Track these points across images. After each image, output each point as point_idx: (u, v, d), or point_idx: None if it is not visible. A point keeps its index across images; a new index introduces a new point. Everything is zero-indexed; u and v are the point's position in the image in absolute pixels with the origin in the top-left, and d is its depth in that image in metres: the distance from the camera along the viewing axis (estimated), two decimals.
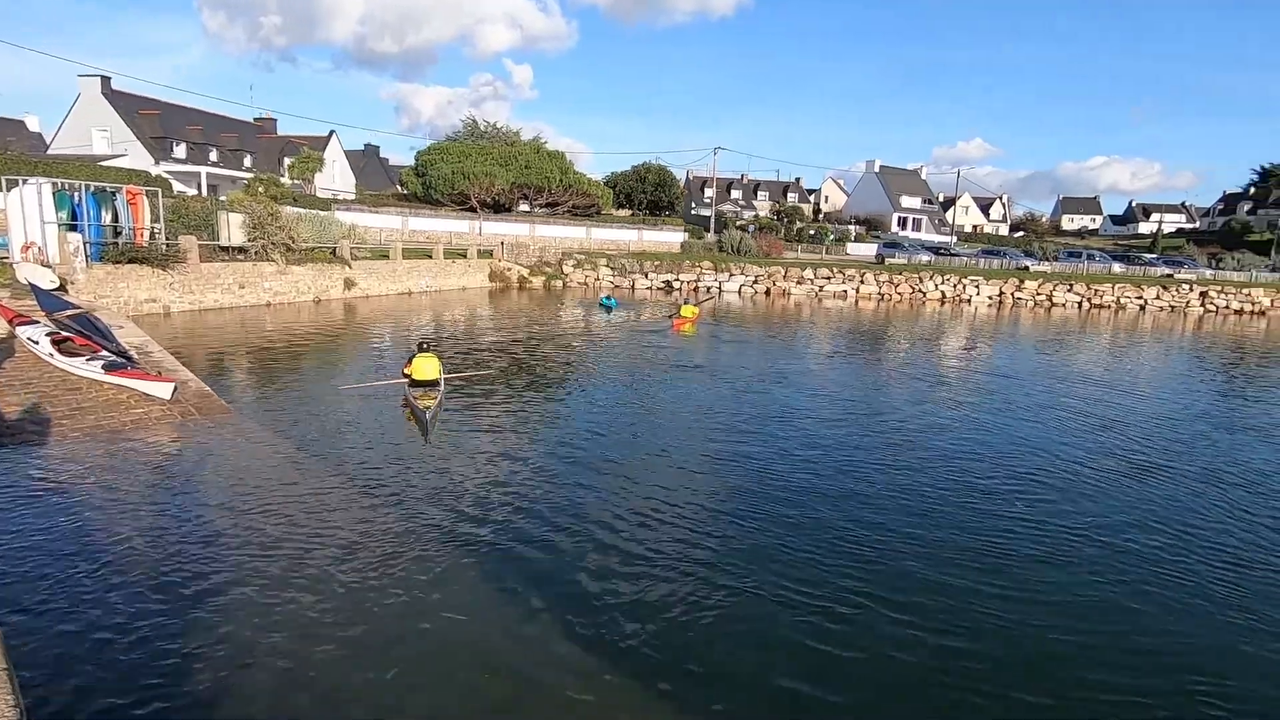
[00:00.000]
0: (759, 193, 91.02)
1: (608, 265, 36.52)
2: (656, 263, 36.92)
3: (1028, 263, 44.51)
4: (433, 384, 10.96)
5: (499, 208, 43.88)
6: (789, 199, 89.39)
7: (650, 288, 35.87)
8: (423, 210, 41.38)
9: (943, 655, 5.00)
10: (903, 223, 74.26)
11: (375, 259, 27.26)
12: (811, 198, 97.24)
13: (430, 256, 30.34)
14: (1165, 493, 8.68)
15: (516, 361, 15.39)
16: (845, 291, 36.72)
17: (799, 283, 36.70)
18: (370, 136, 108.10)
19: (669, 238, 47.07)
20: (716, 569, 6.14)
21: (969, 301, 37.11)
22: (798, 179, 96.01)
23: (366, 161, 70.02)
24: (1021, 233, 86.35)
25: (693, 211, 75.48)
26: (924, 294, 37.26)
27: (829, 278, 37.02)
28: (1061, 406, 13.53)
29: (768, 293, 35.98)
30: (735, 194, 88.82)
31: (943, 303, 36.58)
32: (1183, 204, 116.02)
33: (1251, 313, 38.40)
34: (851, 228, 67.80)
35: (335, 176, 52.71)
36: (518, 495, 7.59)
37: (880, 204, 76.92)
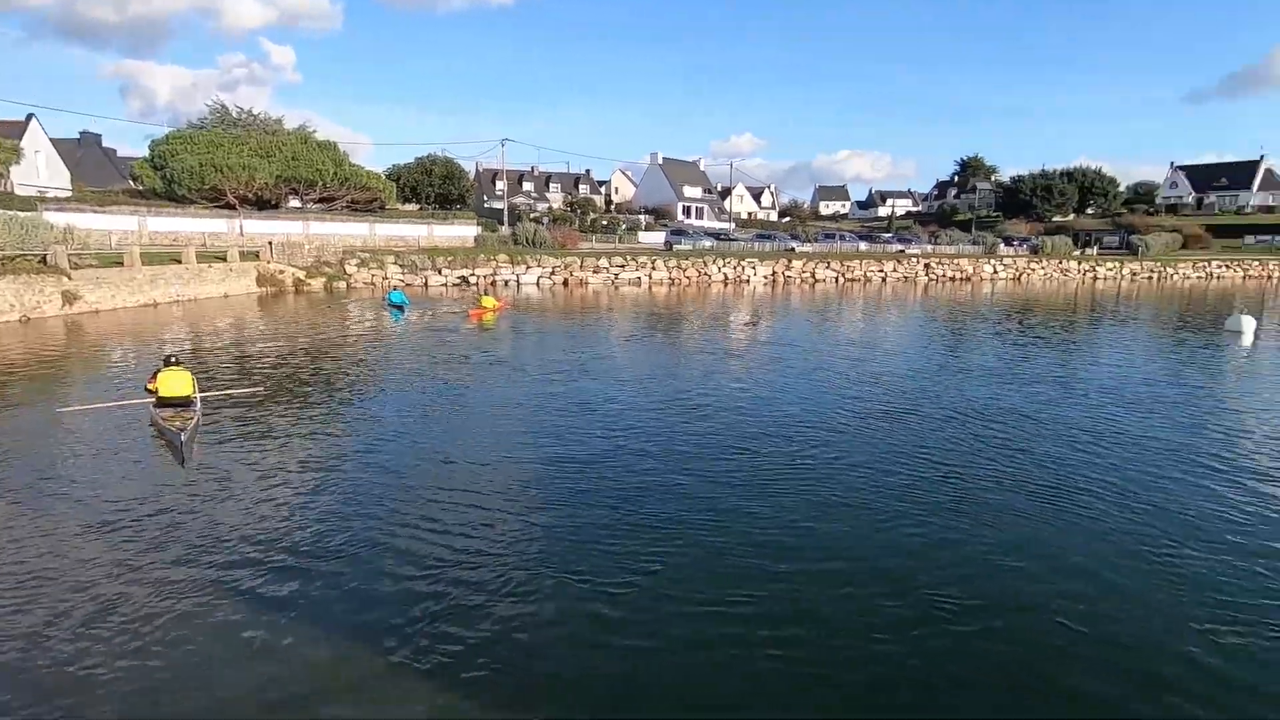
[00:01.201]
0: (551, 185, 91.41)
1: (396, 263, 34.51)
2: (450, 258, 35.64)
3: (794, 245, 49.87)
4: (184, 402, 9.63)
5: (264, 204, 39.38)
6: (581, 191, 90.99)
7: (445, 284, 34.58)
8: (165, 208, 35.87)
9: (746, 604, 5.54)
10: (687, 211, 79.10)
11: (106, 266, 23.11)
12: (603, 189, 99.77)
13: (180, 261, 26.43)
14: (920, 428, 10.35)
15: (294, 374, 14.02)
16: (639, 279, 38.37)
17: (595, 272, 37.63)
18: (88, 123, 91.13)
19: (461, 232, 45.64)
20: (527, 572, 6.19)
21: (748, 282, 40.70)
22: (588, 171, 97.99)
23: (84, 152, 58.85)
24: (788, 218, 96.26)
25: (485, 205, 73.79)
26: (709, 277, 40.18)
27: (623, 266, 38.41)
28: (832, 367, 15.51)
29: (566, 283, 36.45)
30: (527, 186, 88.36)
31: (726, 284, 39.72)
32: (909, 190, 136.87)
33: (960, 279, 46.68)
34: (642, 217, 70.85)
35: (40, 170, 43.72)
36: (297, 522, 6.98)
37: (666, 194, 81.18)
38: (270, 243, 32.58)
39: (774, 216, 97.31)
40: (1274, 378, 15.88)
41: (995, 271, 48.55)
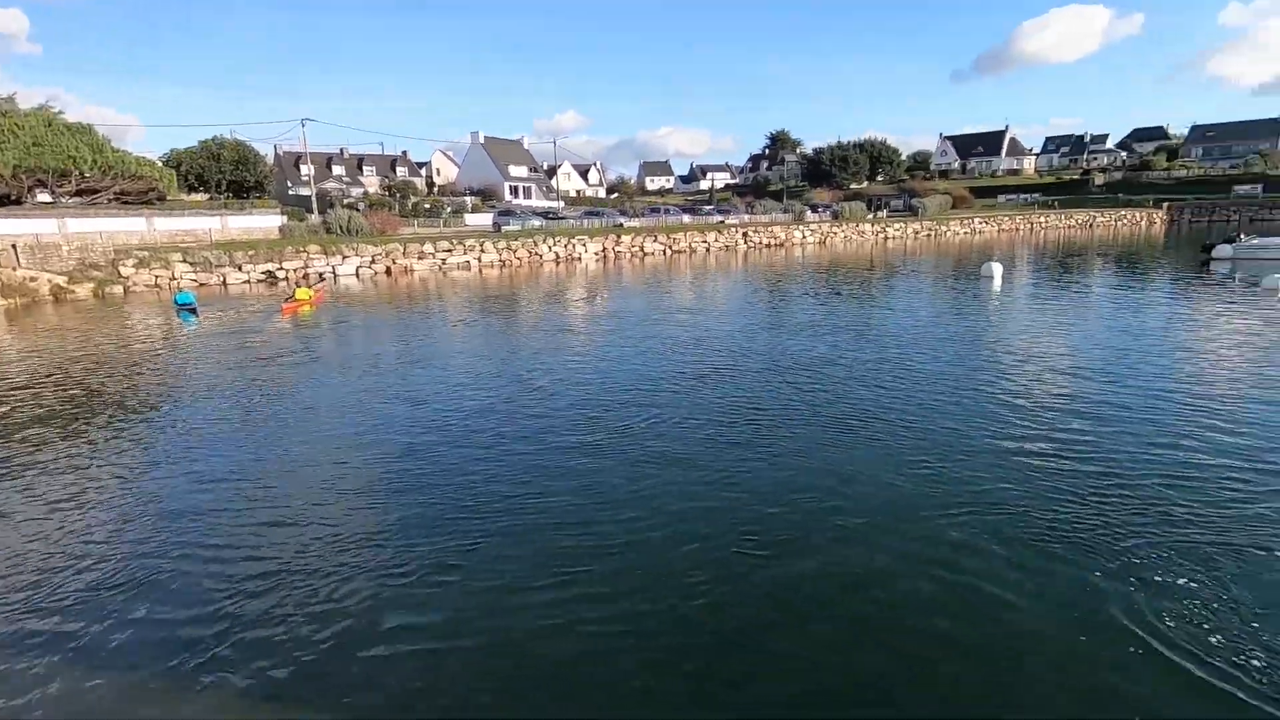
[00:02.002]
0: (365, 168, 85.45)
1: (185, 260, 30.64)
2: (251, 252, 32.25)
3: (621, 220, 50.90)
4: None
5: (2, 200, 33.01)
6: (399, 174, 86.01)
7: (248, 281, 31.32)
8: None
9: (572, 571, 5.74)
10: (514, 191, 77.69)
11: None
12: (423, 171, 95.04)
13: None
14: (745, 381, 11.13)
15: (72, 393, 12.13)
16: (468, 262, 37.24)
17: (421, 258, 35.95)
18: None
19: (263, 222, 41.38)
20: (342, 575, 5.96)
21: (580, 259, 40.99)
22: (404, 152, 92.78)
23: None
24: (615, 194, 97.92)
25: (290, 192, 67.47)
26: (541, 257, 39.94)
27: (450, 250, 37.05)
28: (665, 333, 16.15)
29: (389, 272, 34.49)
30: (338, 170, 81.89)
31: (558, 263, 39.72)
32: (726, 164, 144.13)
33: (775, 245, 50.38)
34: (468, 199, 68.54)
35: None
36: (89, 553, 6.17)
37: (491, 174, 79.07)
38: (14, 245, 27.49)
39: (602, 193, 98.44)
40: (1015, 313, 18.98)
41: (804, 237, 52.92)
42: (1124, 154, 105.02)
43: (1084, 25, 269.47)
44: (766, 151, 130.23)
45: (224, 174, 55.48)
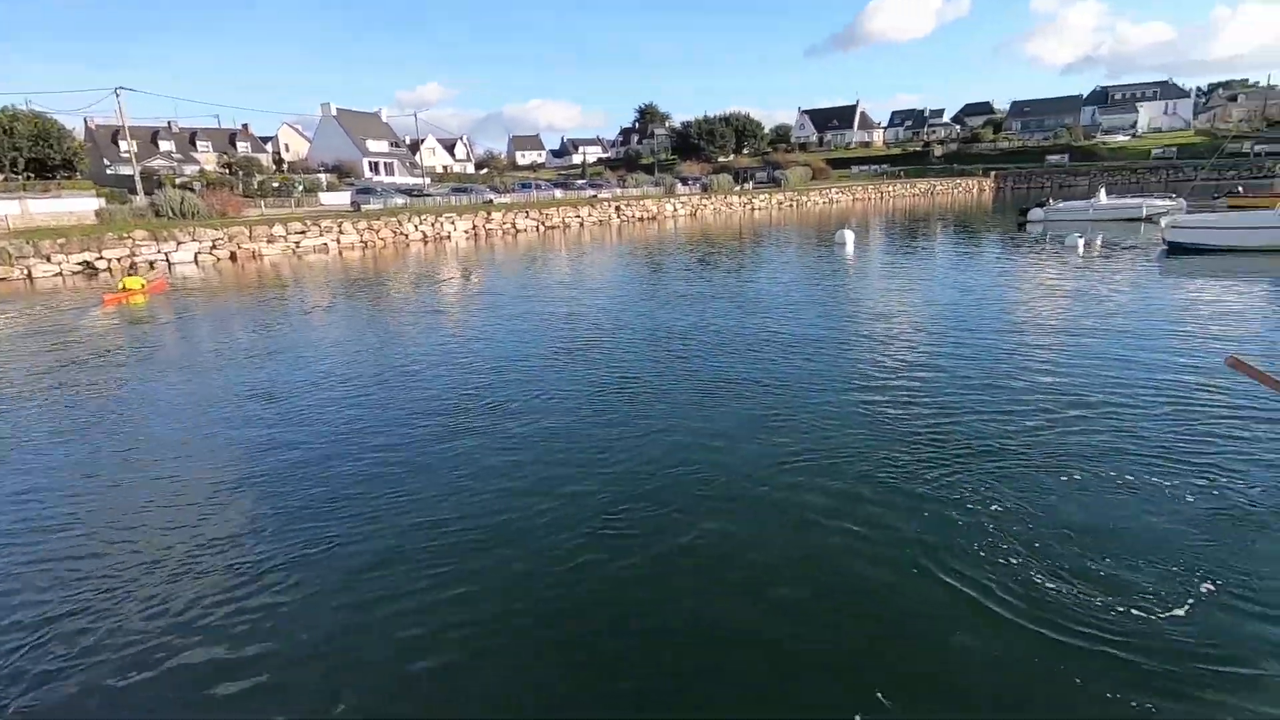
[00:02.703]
0: (199, 143, 77.25)
1: None
2: (62, 240, 28.33)
3: (491, 196, 49.44)
4: None
5: None
6: (240, 149, 78.52)
7: (61, 273, 27.55)
8: None
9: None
10: (375, 167, 73.27)
11: None
12: (269, 146, 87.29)
13: None
14: (619, 356, 11.19)
15: None
16: (326, 244, 34.82)
17: (270, 241, 33.15)
18: None
19: (75, 206, 36.47)
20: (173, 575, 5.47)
21: (449, 238, 39.48)
22: (245, 126, 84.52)
23: None
24: (485, 170, 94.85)
25: (109, 171, 59.90)
26: (406, 236, 38.07)
27: (304, 232, 34.43)
28: (541, 310, 15.91)
29: (234, 257, 31.55)
30: (166, 146, 73.50)
31: (425, 242, 38.04)
32: (598, 138, 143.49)
33: (648, 218, 50.98)
34: (322, 176, 63.86)
35: None
36: None
37: (347, 150, 73.99)
38: None
39: (471, 169, 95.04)
40: (866, 276, 20.43)
41: (675, 210, 53.92)
42: (958, 127, 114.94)
43: (920, 6, 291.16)
44: (636, 125, 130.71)
45: (20, 151, 48.15)
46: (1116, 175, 73.03)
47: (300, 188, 53.18)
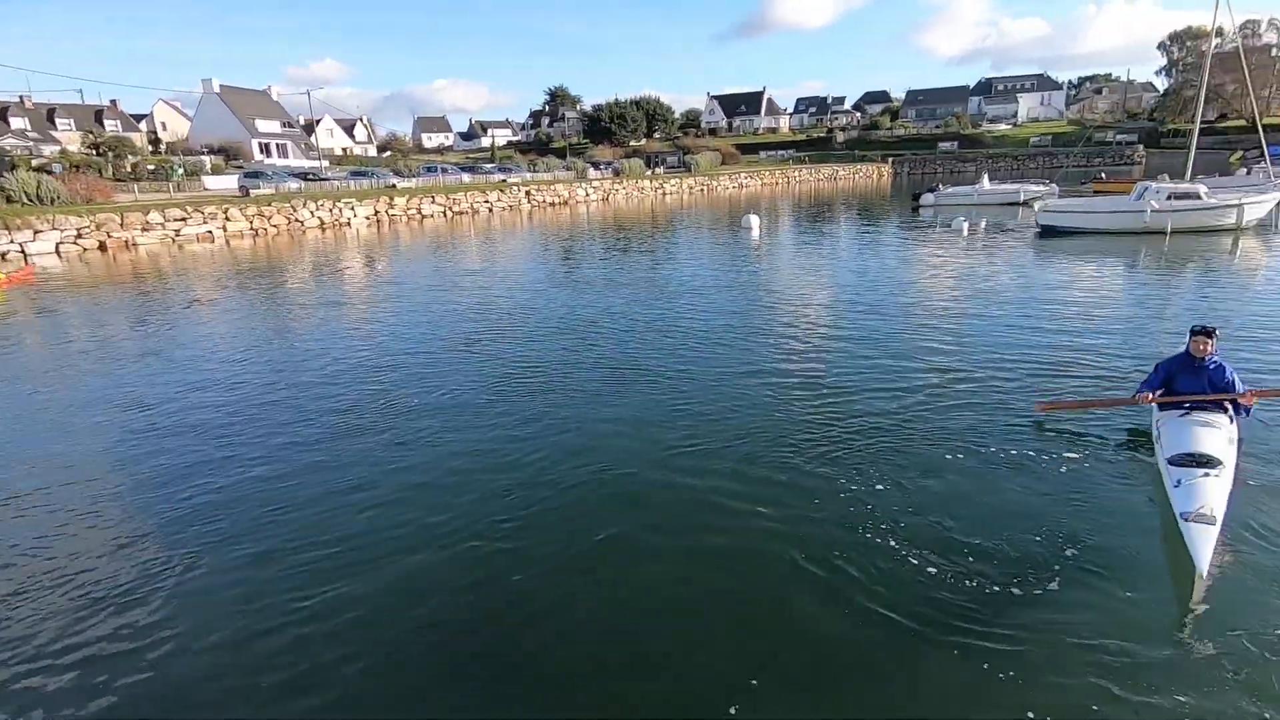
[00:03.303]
0: (59, 121, 70.10)
1: None
2: None
3: (394, 181, 47.41)
4: None
5: None
6: (108, 128, 71.82)
7: None
8: None
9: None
10: (265, 149, 68.71)
11: None
12: (142, 125, 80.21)
13: None
14: (526, 345, 10.97)
15: None
16: (210, 232, 32.39)
17: (146, 230, 30.51)
18: None
19: None
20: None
21: (349, 224, 37.62)
22: (113, 102, 77.26)
23: None
24: (389, 153, 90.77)
25: None
26: (302, 223, 35.96)
27: (185, 219, 31.88)
28: (451, 299, 15.41)
29: (103, 247, 28.85)
30: (19, 124, 66.27)
31: (323, 229, 36.10)
32: (507, 120, 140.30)
33: (559, 203, 50.37)
34: (206, 159, 59.31)
35: None
36: None
37: (234, 130, 68.94)
38: None
39: (372, 151, 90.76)
40: (771, 259, 21.01)
41: (587, 195, 53.50)
42: (859, 115, 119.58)
43: None
44: (547, 108, 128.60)
45: None
46: (1000, 162, 78.21)
47: (180, 171, 49.13)
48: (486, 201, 45.75)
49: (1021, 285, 14.94)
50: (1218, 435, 5.76)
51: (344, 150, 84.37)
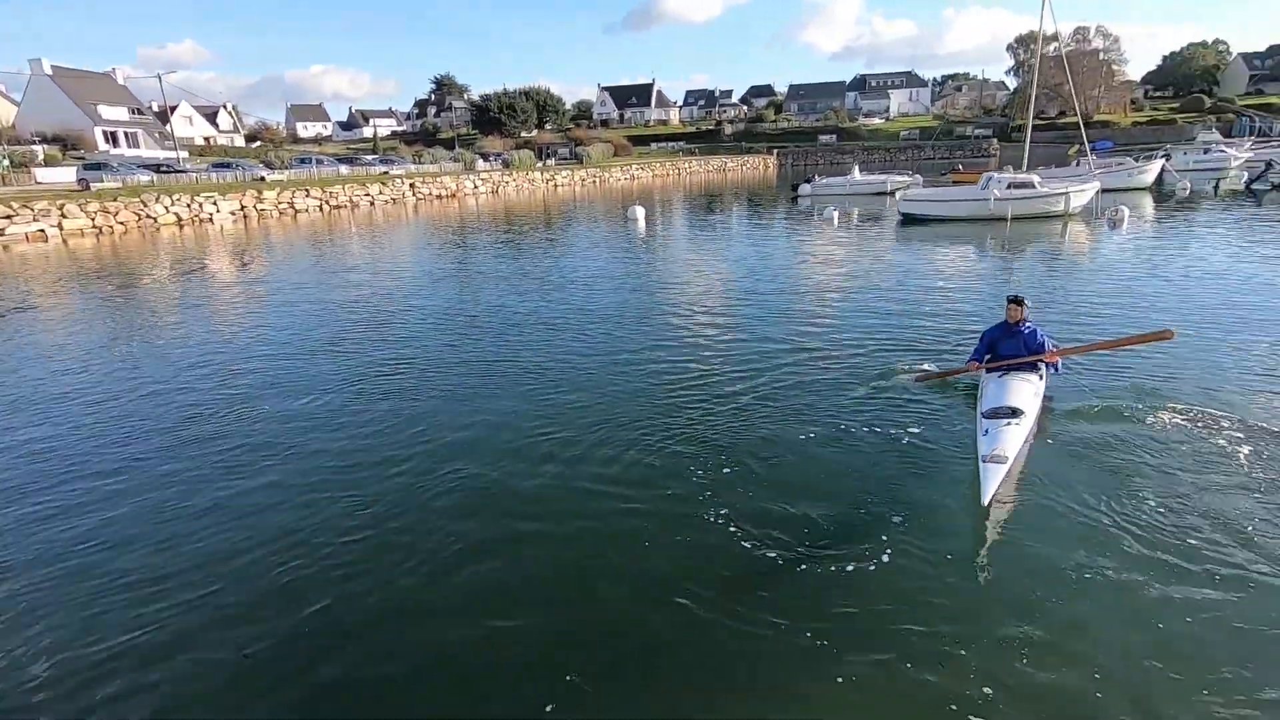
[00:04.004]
0: None
1: None
2: None
3: (263, 173, 44.34)
4: None
5: None
6: None
7: None
8: None
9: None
10: (111, 138, 62.24)
11: None
12: None
13: None
14: (395, 343, 10.55)
15: None
16: (43, 231, 29.08)
17: None
18: None
19: None
20: None
21: (211, 220, 34.85)
22: None
23: None
24: (259, 143, 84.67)
25: None
26: (155, 219, 32.94)
27: (10, 216, 28.44)
28: (315, 301, 14.55)
29: None
30: None
31: (181, 225, 33.24)
32: (391, 109, 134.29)
33: (447, 196, 48.86)
34: (38, 148, 53.02)
35: None
36: None
37: (72, 116, 61.89)
38: None
39: (240, 141, 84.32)
40: (653, 250, 21.36)
41: (476, 187, 52.21)
42: (745, 108, 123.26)
43: None
44: (433, 97, 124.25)
45: None
46: (875, 154, 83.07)
47: (5, 162, 43.71)
48: (367, 195, 43.70)
49: (880, 269, 15.99)
50: (1026, 390, 6.53)
51: (207, 140, 77.94)
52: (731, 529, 5.17)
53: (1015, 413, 6.00)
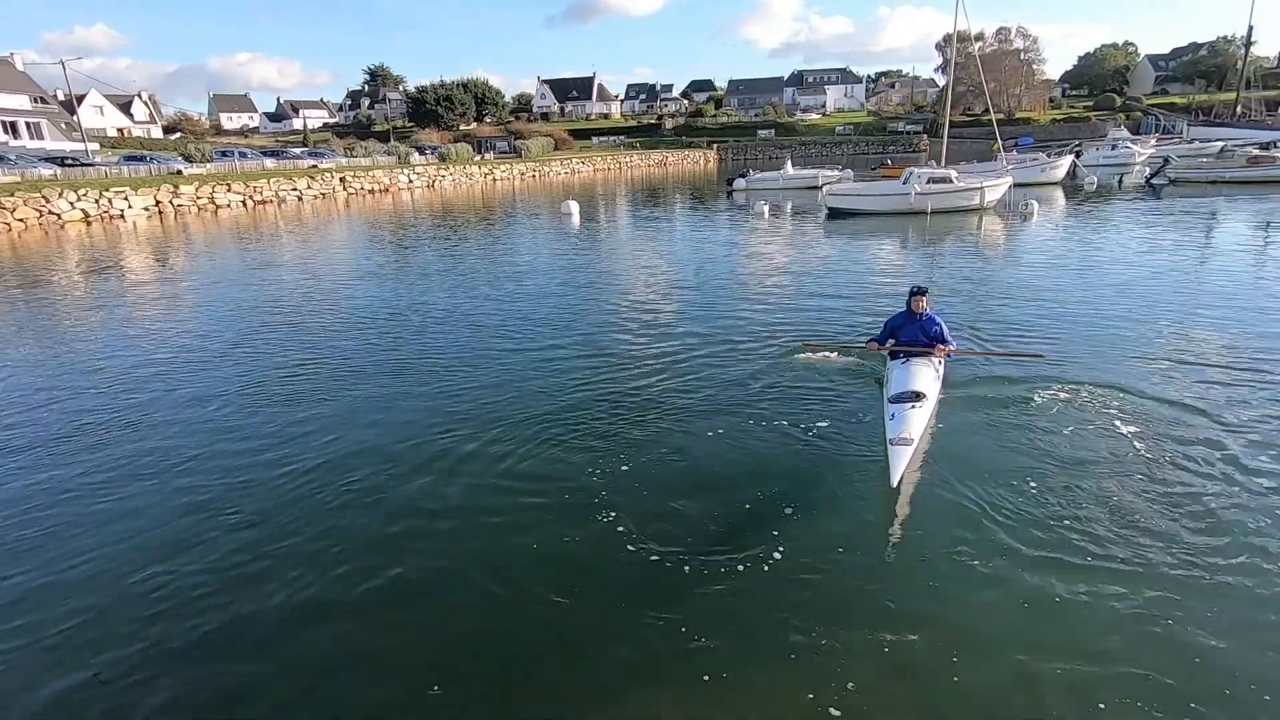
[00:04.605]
0: None
1: None
2: None
3: (180, 166, 42.23)
4: None
5: None
6: None
7: None
8: None
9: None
10: (10, 129, 58.16)
11: None
12: None
13: None
14: (304, 342, 10.21)
15: None
16: None
17: None
18: None
19: None
20: None
21: (123, 216, 33.02)
22: None
23: None
24: (179, 135, 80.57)
25: None
26: (58, 216, 31.00)
27: None
28: (222, 301, 13.96)
29: None
30: None
31: (89, 223, 31.39)
32: (323, 100, 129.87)
33: (380, 190, 47.55)
34: None
35: None
36: None
37: None
38: None
39: (157, 132, 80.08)
40: (584, 245, 21.33)
41: (410, 181, 50.96)
42: (686, 102, 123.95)
43: None
44: (367, 88, 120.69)
45: None
46: (812, 149, 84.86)
47: None
48: (295, 189, 42.15)
49: (802, 262, 16.39)
50: (928, 374, 6.91)
51: (121, 131, 73.72)
52: (620, 529, 5.12)
53: (918, 396, 6.30)
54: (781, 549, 4.78)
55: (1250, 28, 59.12)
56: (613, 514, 5.34)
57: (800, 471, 5.93)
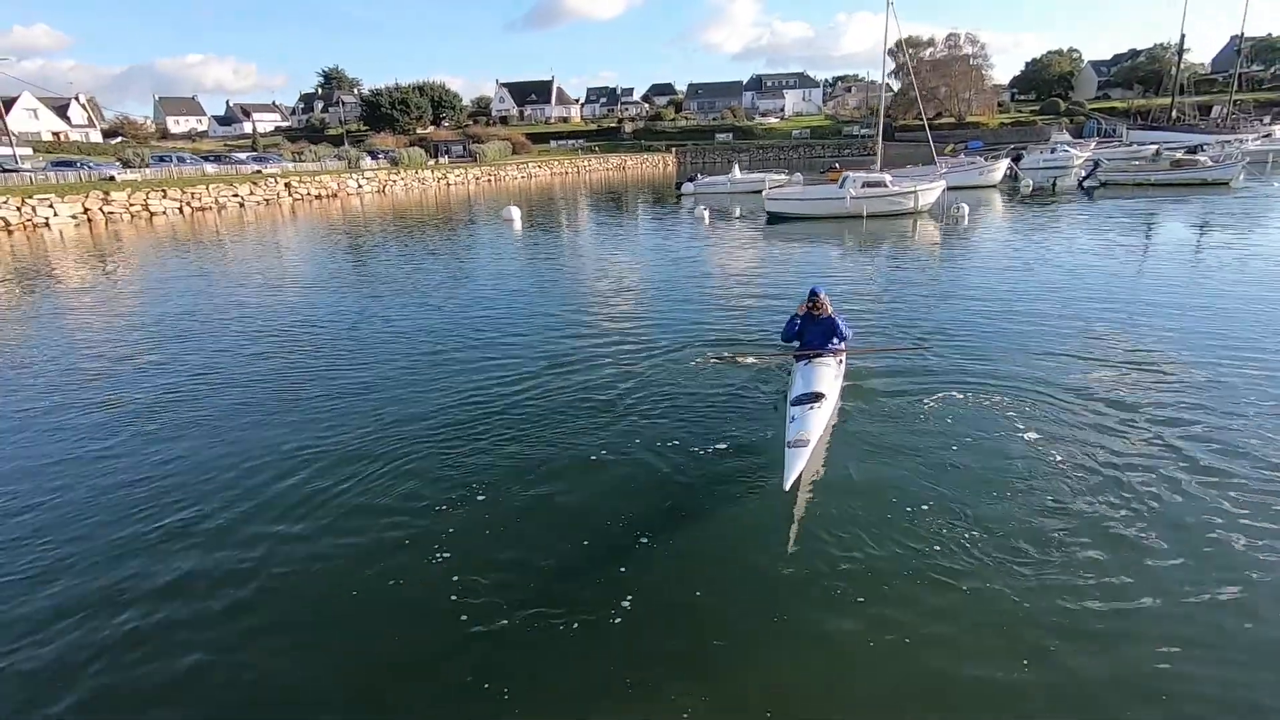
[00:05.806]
0: None
1: None
2: None
3: (114, 172, 40.79)
4: None
5: None
6: None
7: None
8: None
9: None
10: None
11: None
12: None
13: None
14: (218, 353, 9.82)
15: None
16: None
17: None
18: None
19: None
20: None
21: (48, 225, 31.71)
22: None
23: None
24: (120, 138, 77.94)
25: None
26: None
27: None
28: (140, 315, 13.40)
29: None
30: None
31: (9, 231, 30.06)
32: (275, 103, 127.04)
33: (328, 196, 46.57)
34: None
35: None
36: None
37: None
38: None
39: (96, 136, 77.34)
40: (521, 252, 21.12)
41: (360, 186, 50.00)
42: (646, 106, 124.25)
43: None
44: (320, 91, 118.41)
45: None
46: (769, 152, 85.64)
47: None
48: (236, 196, 40.99)
49: (733, 266, 16.46)
50: (828, 374, 6.92)
51: (56, 135, 71.02)
52: (455, 577, 5.03)
53: (817, 397, 6.27)
54: (670, 560, 4.75)
55: (1182, 35, 61.57)
56: (447, 555, 4.95)
57: (693, 484, 5.84)
